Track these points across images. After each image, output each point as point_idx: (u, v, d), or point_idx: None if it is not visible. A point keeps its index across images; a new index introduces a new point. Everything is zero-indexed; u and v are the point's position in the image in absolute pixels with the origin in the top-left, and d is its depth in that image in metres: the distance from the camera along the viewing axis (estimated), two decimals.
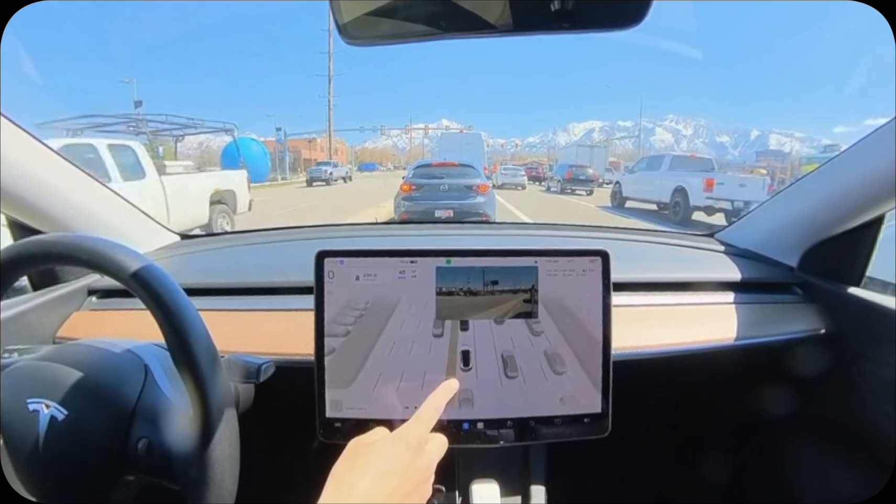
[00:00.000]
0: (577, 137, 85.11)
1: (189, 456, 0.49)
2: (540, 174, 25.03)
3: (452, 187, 6.27)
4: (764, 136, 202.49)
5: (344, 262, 0.60)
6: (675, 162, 10.66)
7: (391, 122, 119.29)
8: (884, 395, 0.79)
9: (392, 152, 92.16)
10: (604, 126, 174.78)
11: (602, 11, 0.50)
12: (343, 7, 0.51)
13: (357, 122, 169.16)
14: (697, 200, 9.08)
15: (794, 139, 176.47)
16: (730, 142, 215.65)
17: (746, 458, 1.09)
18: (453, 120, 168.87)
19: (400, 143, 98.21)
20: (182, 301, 0.50)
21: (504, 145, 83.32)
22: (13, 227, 0.86)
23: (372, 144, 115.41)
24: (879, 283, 0.91)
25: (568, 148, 33.20)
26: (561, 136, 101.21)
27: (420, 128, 73.01)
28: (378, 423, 0.57)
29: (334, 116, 35.10)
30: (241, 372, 0.57)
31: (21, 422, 0.48)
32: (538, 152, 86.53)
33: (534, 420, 0.60)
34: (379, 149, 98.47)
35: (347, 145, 58.05)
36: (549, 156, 57.08)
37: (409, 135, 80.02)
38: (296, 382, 0.63)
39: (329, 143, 32.60)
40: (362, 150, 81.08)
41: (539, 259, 0.61)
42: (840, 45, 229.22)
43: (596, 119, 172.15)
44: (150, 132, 8.92)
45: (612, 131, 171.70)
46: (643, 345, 0.78)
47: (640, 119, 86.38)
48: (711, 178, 8.97)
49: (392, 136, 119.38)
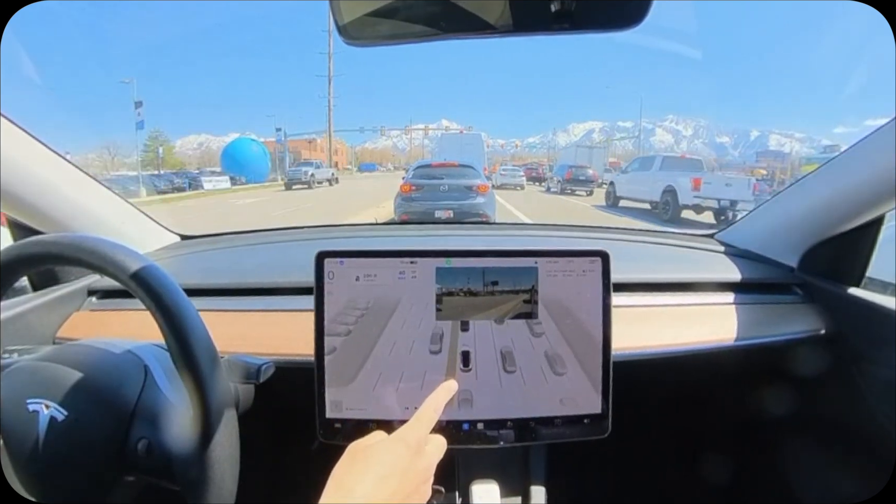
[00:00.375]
0: (577, 138, 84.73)
1: (189, 456, 0.49)
2: (540, 174, 24.50)
3: (452, 188, 6.23)
4: (764, 137, 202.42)
5: (344, 262, 0.60)
6: (666, 162, 10.92)
7: (392, 122, 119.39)
8: (884, 396, 0.79)
9: (392, 153, 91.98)
10: (604, 126, 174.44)
11: (602, 12, 0.50)
12: (343, 8, 0.51)
13: (357, 123, 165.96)
14: (686, 199, 9.29)
15: (793, 139, 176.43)
16: (730, 142, 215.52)
17: (746, 458, 1.09)
18: (453, 120, 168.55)
19: (400, 144, 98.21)
20: (182, 301, 0.50)
21: (504, 146, 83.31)
22: (13, 227, 0.86)
23: (372, 145, 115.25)
24: (879, 284, 0.91)
25: (567, 149, 32.82)
26: (561, 137, 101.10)
27: (420, 128, 72.69)
28: (378, 423, 0.57)
29: (334, 117, 34.84)
30: (240, 372, 0.57)
31: (21, 422, 0.48)
32: (538, 153, 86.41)
33: (534, 421, 0.60)
34: (379, 150, 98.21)
35: (348, 146, 57.71)
36: (549, 156, 56.64)
37: (409, 135, 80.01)
38: (296, 383, 0.63)
39: (329, 143, 32.42)
40: (363, 151, 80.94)
41: (539, 259, 0.61)
42: (839, 45, 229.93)
43: (596, 119, 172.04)
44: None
45: (612, 132, 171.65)
46: (643, 345, 0.78)
47: (640, 120, 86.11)
48: (699, 178, 9.18)
49: (392, 137, 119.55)
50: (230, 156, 25.00)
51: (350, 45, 0.54)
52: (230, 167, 23.80)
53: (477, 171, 6.74)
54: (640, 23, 0.50)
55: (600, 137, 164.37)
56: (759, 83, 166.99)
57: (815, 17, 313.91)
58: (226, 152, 25.82)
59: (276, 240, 1.22)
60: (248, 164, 24.29)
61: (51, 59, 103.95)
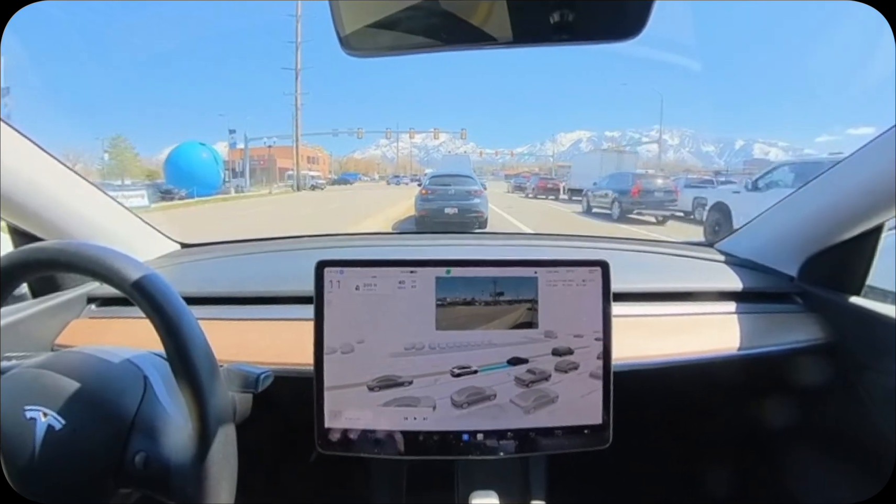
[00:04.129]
0: (564, 148, 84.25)
1: (186, 471, 0.48)
2: (556, 186, 19.33)
3: (457, 191, 8.30)
4: (748, 146, 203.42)
5: (344, 271, 0.60)
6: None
7: (380, 131, 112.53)
8: (885, 405, 0.78)
9: (378, 162, 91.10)
10: (591, 136, 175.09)
11: (601, 24, 0.51)
12: (344, 19, 0.52)
13: (339, 140, 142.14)
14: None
15: (777, 148, 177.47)
16: (715, 151, 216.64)
17: (748, 468, 1.08)
18: (444, 129, 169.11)
19: (389, 154, 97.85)
20: (181, 310, 0.49)
21: (499, 153, 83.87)
22: (13, 233, 0.86)
23: (360, 154, 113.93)
24: (880, 293, 0.91)
25: (587, 155, 27.09)
26: (549, 147, 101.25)
27: (403, 133, 71.34)
28: (377, 433, 0.57)
29: (309, 122, 31.92)
30: (239, 381, 0.57)
31: (17, 428, 0.48)
32: (528, 161, 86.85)
33: (534, 431, 0.60)
34: (367, 159, 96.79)
35: (327, 153, 52.67)
36: (540, 166, 55.86)
37: (396, 144, 79.90)
38: (294, 393, 0.63)
39: (296, 148, 26.47)
40: (348, 161, 78.95)
41: (539, 269, 0.61)
42: (823, 55, 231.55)
43: (584, 129, 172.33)
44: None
45: (599, 141, 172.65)
46: (644, 355, 0.77)
47: (661, 126, 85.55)
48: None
49: (381, 146, 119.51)
50: (174, 164, 19.83)
51: (351, 56, 0.54)
52: (174, 177, 19.28)
53: (474, 179, 9.10)
54: (638, 34, 0.50)
55: (588, 147, 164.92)
56: (742, 93, 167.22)
57: (798, 27, 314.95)
58: (169, 160, 20.27)
59: (276, 249, 1.22)
60: (195, 174, 19.03)
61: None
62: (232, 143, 26.92)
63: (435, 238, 1.46)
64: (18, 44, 13.40)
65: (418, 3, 0.49)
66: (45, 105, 42.86)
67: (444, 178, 8.98)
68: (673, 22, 4.04)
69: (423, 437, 0.59)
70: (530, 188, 20.24)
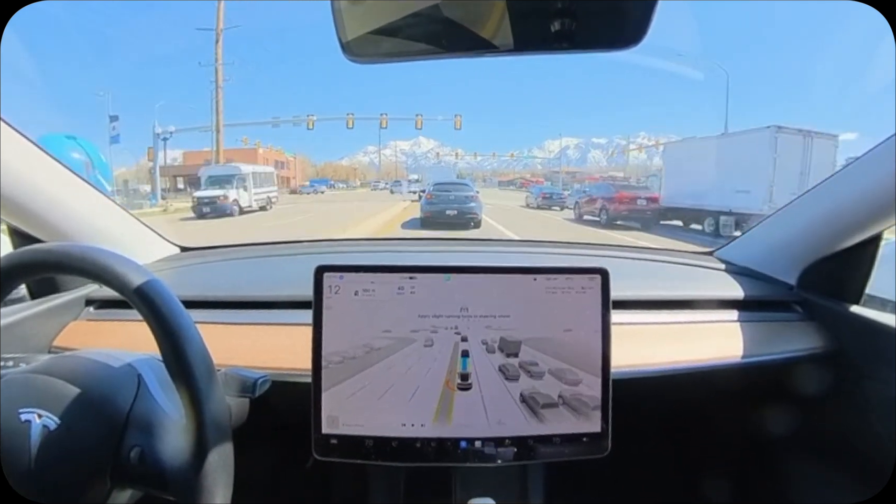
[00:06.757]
0: (552, 155, 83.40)
1: (182, 466, 0.48)
2: (562, 199, 15.59)
3: (457, 196, 9.88)
4: None
5: (343, 277, 0.60)
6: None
7: (370, 141, 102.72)
8: (884, 413, 0.78)
9: (359, 168, 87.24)
10: (578, 143, 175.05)
11: (601, 32, 0.51)
12: (346, 26, 0.52)
13: (328, 145, 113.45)
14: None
15: None
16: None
17: (747, 476, 1.08)
18: (431, 137, 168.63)
19: (377, 160, 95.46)
20: (179, 313, 0.49)
21: (495, 156, 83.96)
22: (13, 234, 0.86)
23: (348, 161, 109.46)
24: (879, 301, 0.91)
25: (708, 141, 13.09)
26: (536, 153, 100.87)
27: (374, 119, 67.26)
28: (374, 440, 0.56)
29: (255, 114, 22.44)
30: (237, 386, 0.57)
31: (13, 431, 0.48)
32: (516, 168, 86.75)
33: (532, 439, 0.60)
34: (349, 165, 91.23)
35: (303, 157, 42.89)
36: (531, 173, 55.12)
37: (378, 150, 77.63)
38: (292, 398, 0.62)
39: (217, 144, 19.12)
40: (326, 167, 72.26)
41: (538, 276, 0.61)
42: (807, 59, 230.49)
43: (571, 136, 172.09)
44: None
45: (586, 148, 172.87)
46: (643, 363, 0.77)
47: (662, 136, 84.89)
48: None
49: (369, 153, 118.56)
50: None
51: (353, 62, 0.54)
52: None
53: (470, 186, 10.99)
54: (638, 43, 0.51)
55: (575, 154, 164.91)
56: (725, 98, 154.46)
57: (782, 31, 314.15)
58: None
59: (275, 253, 1.22)
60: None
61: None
62: (163, 139, 18.21)
63: (435, 245, 1.46)
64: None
65: (420, 11, 0.49)
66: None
67: (446, 185, 10.64)
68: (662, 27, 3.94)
69: (421, 444, 0.59)
70: (583, 205, 12.41)
